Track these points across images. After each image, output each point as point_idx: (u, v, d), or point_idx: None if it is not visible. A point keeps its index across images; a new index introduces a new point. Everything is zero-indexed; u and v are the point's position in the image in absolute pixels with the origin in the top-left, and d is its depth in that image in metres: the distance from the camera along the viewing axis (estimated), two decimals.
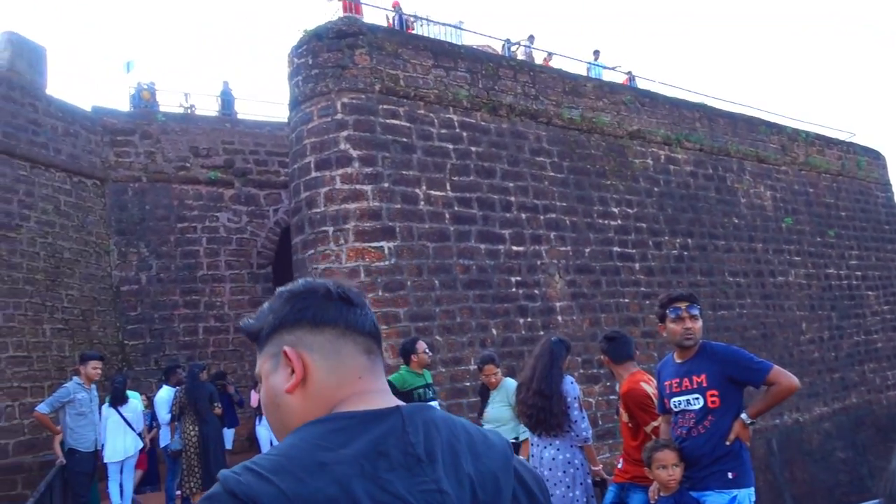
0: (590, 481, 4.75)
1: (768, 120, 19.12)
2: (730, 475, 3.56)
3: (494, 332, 12.17)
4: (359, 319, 1.18)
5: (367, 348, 1.19)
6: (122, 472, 9.02)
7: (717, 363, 3.64)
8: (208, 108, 17.00)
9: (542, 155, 13.65)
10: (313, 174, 11.73)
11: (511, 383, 5.79)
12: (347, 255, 11.40)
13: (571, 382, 4.79)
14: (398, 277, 11.50)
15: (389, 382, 4.77)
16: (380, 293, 11.34)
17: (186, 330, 14.42)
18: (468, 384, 11.61)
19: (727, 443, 3.56)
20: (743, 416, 3.58)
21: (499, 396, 5.87)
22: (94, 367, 7.23)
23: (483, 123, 13.01)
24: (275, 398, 1.16)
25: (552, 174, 13.69)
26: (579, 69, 16.34)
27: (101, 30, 46.49)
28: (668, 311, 3.76)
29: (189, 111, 16.23)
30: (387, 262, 11.47)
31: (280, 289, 1.22)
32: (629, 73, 18.01)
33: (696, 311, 3.72)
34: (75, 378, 7.27)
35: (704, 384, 3.62)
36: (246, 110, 28.26)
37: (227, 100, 16.81)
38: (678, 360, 3.79)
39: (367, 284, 11.31)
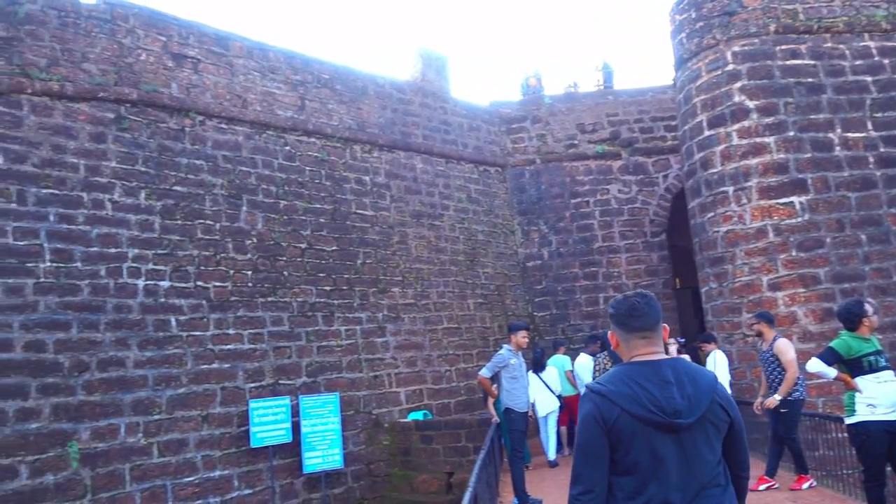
0: None
1: None
2: None
3: None
4: (636, 323, 2.44)
5: (642, 336, 2.44)
6: (547, 424, 10.61)
7: None
8: (589, 84, 17.35)
9: None
10: (706, 133, 11.18)
11: None
12: (751, 214, 10.64)
13: None
14: (814, 235, 10.35)
15: (832, 349, 4.45)
16: (793, 253, 10.35)
17: (588, 301, 15.01)
18: None
19: None
20: None
21: None
22: (522, 336, 7.92)
23: None
24: (619, 348, 2.57)
25: None
26: None
27: (488, 28, 50.88)
28: None
29: (572, 90, 16.78)
30: (799, 219, 10.41)
31: (612, 304, 2.59)
32: None
33: None
34: (506, 346, 8.03)
35: None
36: (624, 81, 28.34)
37: (606, 73, 16.97)
38: None
39: (778, 245, 10.40)
